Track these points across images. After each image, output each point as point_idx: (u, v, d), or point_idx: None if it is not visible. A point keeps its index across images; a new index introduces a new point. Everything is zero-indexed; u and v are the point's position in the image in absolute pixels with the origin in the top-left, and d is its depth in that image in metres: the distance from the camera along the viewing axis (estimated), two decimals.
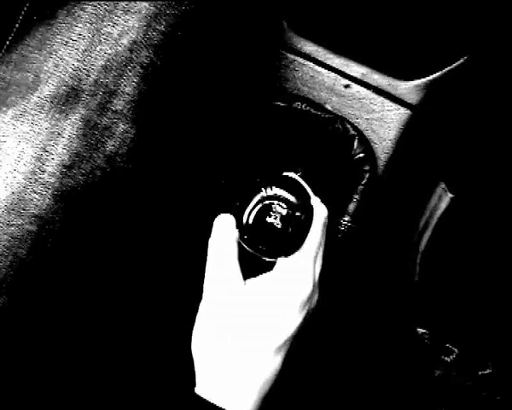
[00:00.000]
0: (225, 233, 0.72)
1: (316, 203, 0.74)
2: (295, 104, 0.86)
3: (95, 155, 0.68)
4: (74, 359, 0.74)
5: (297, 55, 0.88)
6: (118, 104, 0.68)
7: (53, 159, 0.67)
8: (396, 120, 0.85)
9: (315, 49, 0.87)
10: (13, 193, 0.67)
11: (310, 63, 0.88)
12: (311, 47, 0.87)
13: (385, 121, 0.85)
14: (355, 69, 0.86)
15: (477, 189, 0.92)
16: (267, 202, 0.69)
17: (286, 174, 0.74)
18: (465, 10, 0.85)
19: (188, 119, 0.75)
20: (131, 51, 0.68)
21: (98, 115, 0.68)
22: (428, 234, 0.91)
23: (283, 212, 0.69)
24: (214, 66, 0.77)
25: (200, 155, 0.79)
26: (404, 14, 0.87)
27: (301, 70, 0.88)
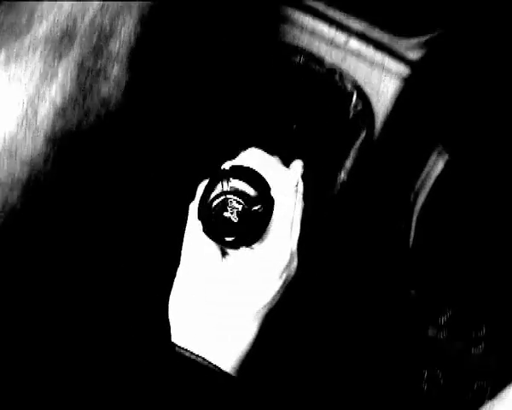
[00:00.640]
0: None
1: (284, 174, 0.73)
2: (294, 57, 0.85)
3: (89, 99, 0.66)
4: (60, 306, 0.74)
5: (297, 8, 0.86)
6: (113, 47, 0.67)
7: (46, 102, 0.66)
8: (395, 77, 0.84)
9: (315, 2, 0.85)
10: (4, 137, 0.65)
11: (310, 17, 0.86)
12: (312, 1, 0.86)
13: (384, 78, 0.84)
14: (355, 24, 0.85)
15: (474, 151, 0.91)
16: (224, 198, 0.69)
17: (245, 166, 0.74)
18: None
19: (185, 64, 0.73)
20: None
21: (93, 58, 0.66)
22: (424, 195, 0.90)
23: (239, 207, 0.69)
24: (213, 13, 0.75)
25: (196, 103, 0.78)
26: None
27: (301, 24, 0.86)
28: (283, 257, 0.71)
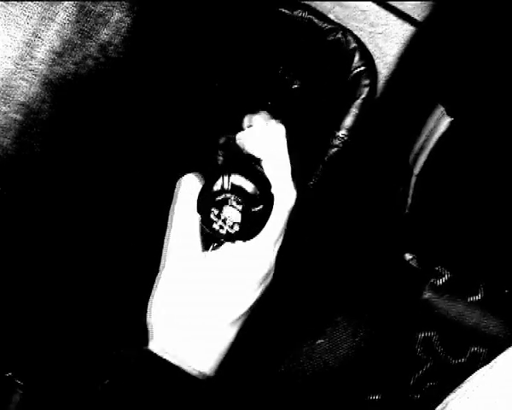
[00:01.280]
0: (190, 198, 0.72)
1: (283, 189, 0.72)
2: (297, 12, 0.83)
3: (87, 43, 0.65)
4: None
5: None
6: None
7: (43, 45, 0.64)
8: (400, 36, 0.83)
9: None
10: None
11: None
12: None
13: (388, 36, 0.83)
14: None
15: (477, 114, 0.90)
16: (224, 196, 0.69)
17: (246, 160, 0.73)
18: None
19: (186, 13, 0.72)
20: None
21: (93, 1, 0.65)
22: (424, 157, 0.89)
23: (239, 207, 0.69)
24: None
25: (196, 52, 0.76)
26: None
27: None
28: (264, 268, 0.71)
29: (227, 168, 0.69)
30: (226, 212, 0.69)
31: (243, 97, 0.84)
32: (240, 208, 0.69)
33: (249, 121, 0.75)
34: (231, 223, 0.69)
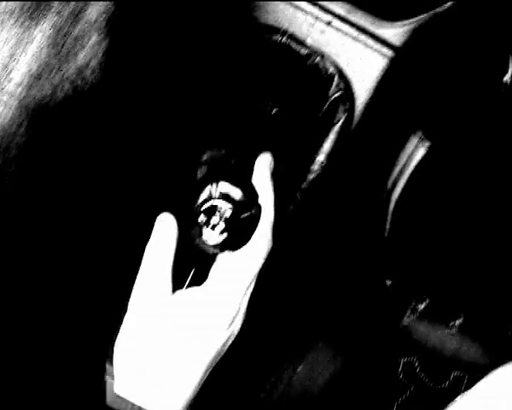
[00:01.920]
0: (163, 239, 0.71)
1: (262, 237, 0.71)
2: (275, 37, 0.83)
3: (64, 66, 0.65)
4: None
5: None
6: (91, 14, 0.65)
7: (20, 67, 0.64)
8: (378, 61, 0.83)
9: None
10: None
11: None
12: None
13: (366, 61, 0.83)
14: (338, 6, 0.84)
15: (455, 139, 0.91)
16: (212, 203, 0.68)
17: (232, 166, 0.73)
18: None
19: (164, 34, 0.72)
20: None
21: (70, 24, 0.65)
22: (403, 183, 0.90)
23: (227, 214, 0.68)
24: None
25: (172, 78, 0.76)
26: None
27: (283, 3, 0.85)
28: (230, 314, 0.70)
29: (214, 176, 0.68)
30: (214, 219, 0.68)
31: (222, 120, 0.83)
32: (228, 215, 0.68)
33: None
34: (219, 230, 0.69)
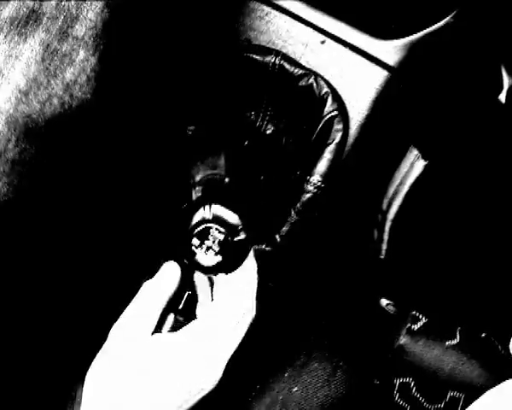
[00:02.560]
0: (162, 285, 0.71)
1: (245, 306, 0.71)
2: (269, 57, 0.83)
3: (53, 82, 0.65)
4: None
5: (273, 7, 0.85)
6: (79, 30, 0.65)
7: (9, 83, 0.64)
8: (372, 81, 0.83)
9: (291, 2, 0.84)
10: None
11: (286, 16, 0.85)
12: (288, 1, 0.85)
13: (360, 81, 0.83)
14: (332, 25, 0.84)
15: (450, 158, 0.90)
16: (205, 226, 0.68)
17: (225, 187, 0.73)
18: None
19: (152, 51, 0.72)
20: None
21: (58, 41, 0.65)
22: (398, 202, 0.89)
23: (221, 237, 0.68)
24: (182, 8, 0.74)
25: (162, 94, 0.76)
26: None
27: (276, 23, 0.85)
28: (207, 377, 0.68)
29: (207, 199, 0.68)
30: (208, 242, 0.68)
31: (216, 141, 0.83)
32: (222, 238, 0.68)
33: None
34: (214, 253, 0.68)
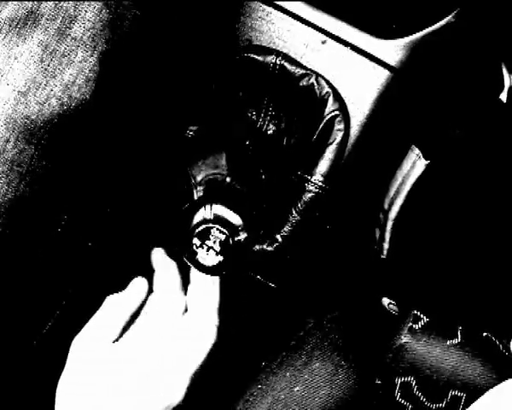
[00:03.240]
0: (131, 296, 0.72)
1: (206, 323, 0.72)
2: (270, 57, 0.83)
3: (51, 83, 0.65)
4: None
5: (274, 7, 0.85)
6: (78, 31, 0.66)
7: (7, 84, 0.64)
8: (373, 80, 0.83)
9: (292, 2, 0.84)
10: None
11: (286, 16, 0.85)
12: (288, 0, 0.85)
13: (362, 80, 0.83)
14: (333, 25, 0.84)
15: (452, 157, 0.90)
16: (206, 226, 0.68)
17: (227, 187, 0.73)
18: None
19: (151, 52, 0.72)
20: None
21: (57, 41, 0.65)
22: (400, 201, 0.89)
23: (222, 237, 0.68)
24: (183, 10, 0.74)
25: (162, 95, 0.76)
26: None
27: (277, 23, 0.85)
28: (169, 394, 0.70)
29: (209, 199, 0.68)
30: (209, 242, 0.68)
31: (217, 141, 0.83)
32: (223, 238, 0.68)
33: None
34: (215, 253, 0.68)
